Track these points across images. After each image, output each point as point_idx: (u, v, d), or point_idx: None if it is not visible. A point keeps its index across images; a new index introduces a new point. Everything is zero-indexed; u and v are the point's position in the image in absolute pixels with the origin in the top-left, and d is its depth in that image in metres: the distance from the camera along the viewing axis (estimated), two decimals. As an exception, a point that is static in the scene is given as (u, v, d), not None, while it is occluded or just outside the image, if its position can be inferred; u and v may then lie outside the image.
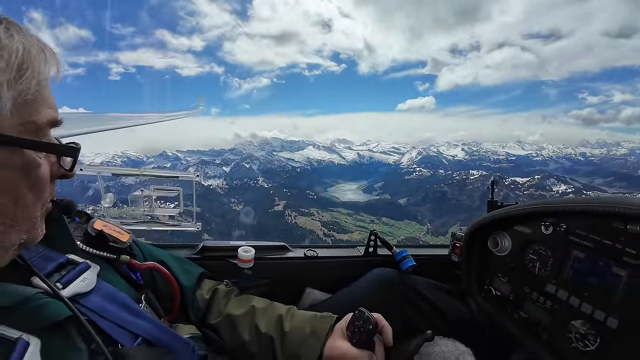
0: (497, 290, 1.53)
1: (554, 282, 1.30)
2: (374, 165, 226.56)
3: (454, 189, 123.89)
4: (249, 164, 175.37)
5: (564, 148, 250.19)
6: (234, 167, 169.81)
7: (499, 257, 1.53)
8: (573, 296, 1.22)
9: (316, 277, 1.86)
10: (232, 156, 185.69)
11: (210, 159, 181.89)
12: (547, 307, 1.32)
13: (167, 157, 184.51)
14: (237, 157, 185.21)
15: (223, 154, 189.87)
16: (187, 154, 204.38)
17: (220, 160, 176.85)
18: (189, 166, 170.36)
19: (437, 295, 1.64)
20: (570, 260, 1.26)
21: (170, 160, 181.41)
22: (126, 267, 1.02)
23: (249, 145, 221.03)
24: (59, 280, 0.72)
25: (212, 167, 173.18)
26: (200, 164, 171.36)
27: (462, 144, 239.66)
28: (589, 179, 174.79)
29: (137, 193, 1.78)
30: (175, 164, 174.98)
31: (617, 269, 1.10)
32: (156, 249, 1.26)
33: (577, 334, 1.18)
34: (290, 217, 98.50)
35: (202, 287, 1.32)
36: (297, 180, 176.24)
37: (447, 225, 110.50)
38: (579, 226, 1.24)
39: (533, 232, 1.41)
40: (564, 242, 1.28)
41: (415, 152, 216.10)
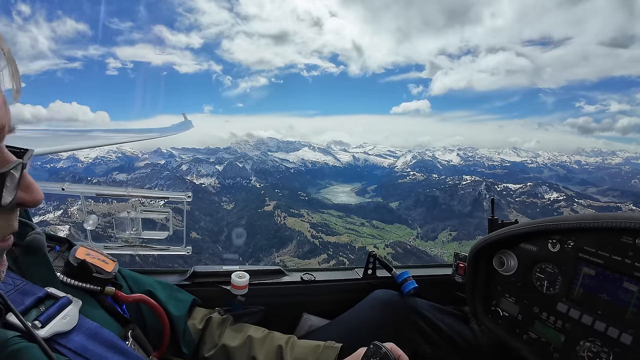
0: (504, 311, 1.49)
1: (564, 301, 1.27)
2: (369, 168, 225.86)
3: (446, 194, 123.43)
4: (242, 163, 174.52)
5: (559, 155, 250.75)
6: (227, 166, 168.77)
7: (505, 276, 1.49)
8: (585, 314, 1.19)
9: (314, 302, 1.80)
10: (227, 155, 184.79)
11: (204, 157, 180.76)
12: (558, 327, 1.28)
13: (162, 154, 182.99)
14: (231, 156, 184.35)
15: (217, 152, 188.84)
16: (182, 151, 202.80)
17: (214, 158, 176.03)
18: (182, 164, 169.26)
19: (440, 318, 1.60)
20: (580, 278, 1.23)
21: (165, 157, 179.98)
22: (111, 300, 0.95)
23: (245, 145, 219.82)
24: (37, 318, 0.65)
25: (205, 165, 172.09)
26: (193, 161, 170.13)
27: (457, 149, 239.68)
28: (583, 187, 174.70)
29: (123, 214, 1.67)
30: (169, 160, 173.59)
31: (629, 284, 1.09)
32: (143, 277, 1.17)
33: (589, 352, 1.16)
34: (280, 217, 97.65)
35: (194, 317, 1.24)
36: (291, 181, 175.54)
37: (437, 230, 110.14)
38: (587, 242, 1.21)
39: (540, 250, 1.37)
40: (573, 259, 1.25)
41: (410, 156, 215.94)
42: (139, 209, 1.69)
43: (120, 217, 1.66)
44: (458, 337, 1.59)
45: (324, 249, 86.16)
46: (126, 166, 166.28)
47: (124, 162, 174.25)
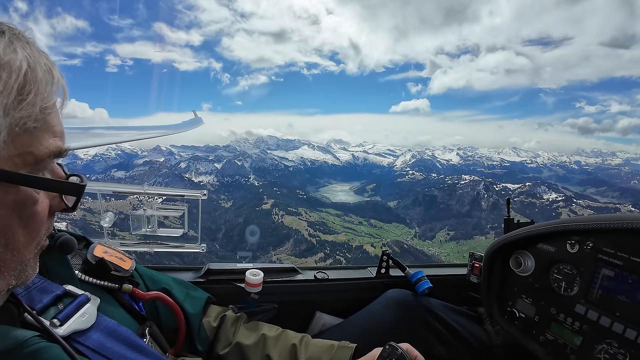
0: (520, 312, 1.47)
1: (583, 302, 1.26)
2: (368, 167, 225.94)
3: (444, 193, 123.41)
4: (241, 161, 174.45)
5: (559, 156, 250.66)
6: (226, 163, 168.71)
7: (522, 277, 1.47)
8: (604, 316, 1.18)
9: (326, 301, 1.80)
10: (226, 153, 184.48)
11: (204, 155, 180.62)
12: (575, 328, 1.27)
13: (161, 152, 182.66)
14: (230, 154, 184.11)
15: (217, 150, 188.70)
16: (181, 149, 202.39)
17: (213, 156, 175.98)
18: (181, 161, 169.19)
19: (454, 319, 1.59)
20: (598, 279, 1.22)
21: (164, 154, 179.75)
22: (128, 297, 0.95)
23: (244, 143, 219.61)
24: (55, 316, 0.65)
25: (204, 163, 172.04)
26: (192, 159, 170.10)
27: (457, 148, 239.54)
28: (582, 188, 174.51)
29: (139, 212, 1.67)
30: (168, 158, 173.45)
31: None
32: (158, 274, 1.19)
33: (606, 354, 1.16)
34: (277, 215, 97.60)
35: (209, 314, 1.25)
36: (289, 179, 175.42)
37: (435, 230, 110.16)
38: (607, 244, 1.21)
39: (558, 250, 1.36)
40: (592, 260, 1.24)
41: (410, 155, 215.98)
42: (155, 206, 1.71)
43: (137, 214, 1.67)
44: (472, 338, 1.58)
45: (321, 247, 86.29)
46: (125, 163, 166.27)
47: (123, 160, 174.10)
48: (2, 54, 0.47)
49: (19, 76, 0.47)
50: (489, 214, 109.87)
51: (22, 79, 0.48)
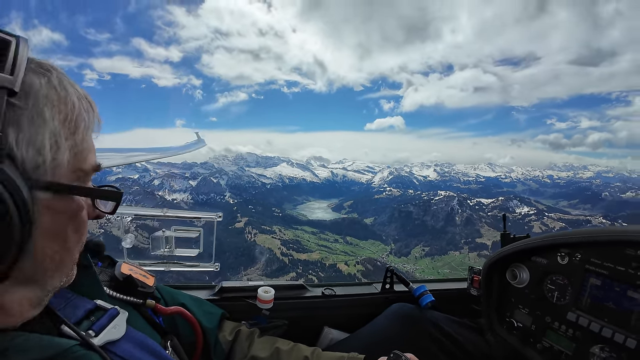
0: (518, 322, 1.56)
1: (574, 310, 1.34)
2: (347, 184, 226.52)
3: (420, 209, 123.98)
4: (217, 178, 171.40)
5: (532, 170, 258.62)
6: (201, 181, 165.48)
7: (518, 289, 1.57)
8: (594, 322, 1.27)
9: (334, 316, 1.86)
10: (202, 170, 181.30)
11: (180, 172, 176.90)
12: (569, 335, 1.36)
13: (136, 169, 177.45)
14: (207, 171, 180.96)
15: (194, 167, 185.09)
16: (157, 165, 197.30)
17: (189, 173, 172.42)
18: (154, 178, 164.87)
19: (457, 331, 1.66)
20: (587, 288, 1.32)
21: (139, 171, 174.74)
22: (151, 312, 1.01)
23: (223, 160, 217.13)
24: (90, 328, 0.70)
25: (179, 180, 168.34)
26: (166, 176, 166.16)
27: (435, 165, 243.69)
28: (555, 201, 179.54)
29: (158, 233, 1.78)
30: (143, 175, 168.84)
31: (632, 292, 1.18)
32: (177, 291, 1.24)
33: (598, 358, 1.24)
34: (250, 234, 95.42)
35: (224, 329, 1.31)
36: (266, 197, 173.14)
37: (411, 246, 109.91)
38: (594, 255, 1.31)
39: (550, 262, 1.46)
40: (581, 270, 1.34)
41: (387, 171, 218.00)
42: (173, 228, 1.80)
43: (156, 235, 1.77)
44: (474, 349, 1.64)
45: (293, 266, 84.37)
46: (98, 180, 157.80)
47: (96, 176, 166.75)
48: (59, 90, 0.57)
49: (74, 108, 0.58)
50: (462, 229, 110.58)
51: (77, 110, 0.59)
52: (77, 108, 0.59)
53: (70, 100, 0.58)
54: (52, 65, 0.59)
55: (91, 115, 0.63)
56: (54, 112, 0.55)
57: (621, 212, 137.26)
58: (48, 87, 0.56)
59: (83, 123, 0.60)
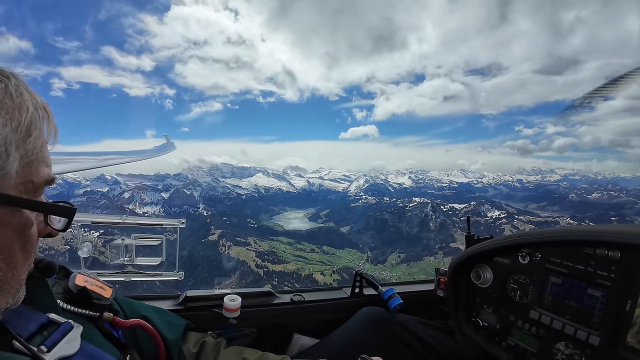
0: (484, 321, 1.59)
1: (536, 308, 1.37)
2: (323, 193, 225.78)
3: (395, 216, 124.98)
4: (190, 190, 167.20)
5: (503, 175, 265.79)
6: (174, 193, 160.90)
7: (483, 289, 1.60)
8: (556, 320, 1.30)
9: (304, 322, 1.85)
10: (175, 182, 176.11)
11: (152, 184, 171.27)
12: (533, 333, 1.38)
13: (106, 181, 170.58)
14: (180, 183, 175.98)
15: (166, 179, 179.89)
16: (128, 178, 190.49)
17: (161, 185, 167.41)
18: (124, 191, 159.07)
19: (426, 332, 1.69)
20: (548, 286, 1.35)
21: (109, 184, 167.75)
22: (108, 325, 0.96)
23: (198, 171, 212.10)
24: (42, 343, 0.67)
25: (150, 193, 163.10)
26: (137, 189, 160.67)
27: (409, 172, 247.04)
28: (524, 204, 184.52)
29: (117, 242, 1.71)
30: (113, 187, 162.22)
31: (592, 290, 1.21)
32: (136, 303, 1.19)
33: (563, 355, 1.26)
34: (224, 247, 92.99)
35: (188, 341, 1.25)
36: (242, 208, 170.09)
37: (387, 253, 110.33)
38: (553, 254, 1.34)
39: (512, 262, 1.49)
40: (541, 270, 1.38)
41: (363, 180, 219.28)
42: (133, 235, 1.73)
43: (115, 244, 1.70)
44: (444, 350, 1.66)
45: (269, 278, 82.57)
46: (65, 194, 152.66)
47: (63, 190, 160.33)
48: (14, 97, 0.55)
49: (27, 115, 0.56)
50: (437, 234, 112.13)
51: (30, 118, 0.57)
52: (32, 117, 0.57)
53: (25, 108, 0.56)
54: (12, 73, 0.58)
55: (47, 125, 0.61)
56: (6, 119, 0.53)
57: (588, 212, 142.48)
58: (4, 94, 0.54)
59: (36, 132, 0.58)
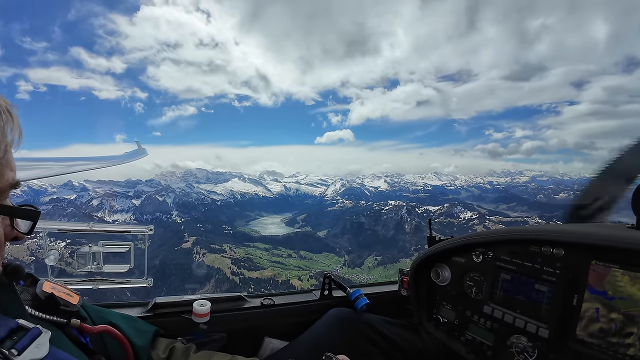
0: (444, 317, 1.69)
1: (489, 304, 1.48)
2: (300, 198, 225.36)
3: (371, 219, 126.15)
4: (163, 196, 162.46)
5: (474, 178, 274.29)
6: (146, 200, 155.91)
7: (442, 287, 1.70)
8: (507, 314, 1.39)
9: (274, 326, 1.89)
10: (147, 188, 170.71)
11: (123, 191, 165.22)
12: (488, 327, 1.48)
13: (73, 188, 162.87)
14: (152, 189, 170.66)
15: (138, 185, 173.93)
16: (97, 184, 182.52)
17: (133, 192, 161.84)
18: (93, 199, 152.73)
19: (391, 330, 1.77)
20: (499, 283, 1.45)
21: (76, 191, 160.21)
22: (76, 332, 0.97)
23: (171, 177, 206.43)
24: (12, 347, 0.68)
25: (120, 200, 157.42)
26: (106, 196, 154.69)
27: (385, 175, 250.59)
28: (495, 205, 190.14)
29: (84, 249, 1.69)
30: (81, 195, 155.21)
31: (539, 285, 1.31)
32: (104, 310, 1.19)
33: (516, 348, 1.34)
34: (199, 254, 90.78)
35: (157, 347, 1.25)
36: (217, 214, 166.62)
37: (364, 257, 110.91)
38: (503, 253, 1.45)
39: (467, 261, 1.60)
40: (493, 267, 1.48)
41: (340, 184, 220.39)
42: (101, 243, 1.71)
43: (82, 251, 1.67)
44: (409, 346, 1.75)
45: (245, 286, 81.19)
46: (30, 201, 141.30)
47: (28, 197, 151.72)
48: None
49: None
50: (412, 236, 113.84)
51: None
52: None
53: None
54: None
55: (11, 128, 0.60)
56: None
57: (555, 212, 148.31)
58: None
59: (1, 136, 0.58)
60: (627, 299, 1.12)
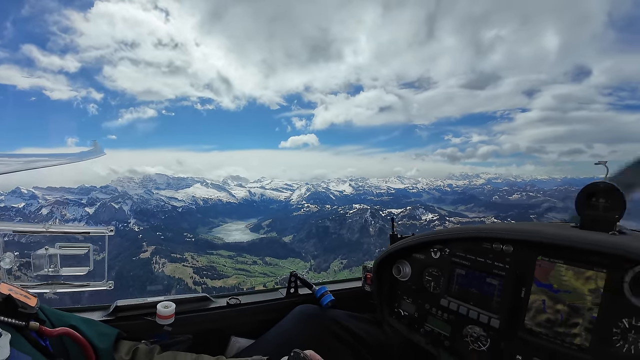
0: (405, 311, 1.82)
1: (446, 297, 1.62)
2: (265, 203, 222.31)
3: (336, 223, 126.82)
4: (119, 204, 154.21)
5: (435, 181, 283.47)
6: (100, 207, 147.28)
7: (403, 282, 1.83)
8: (462, 306, 1.53)
9: (241, 325, 1.90)
10: (102, 195, 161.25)
11: (76, 198, 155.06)
12: (444, 319, 1.62)
13: (22, 195, 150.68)
14: (108, 196, 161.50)
15: (92, 192, 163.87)
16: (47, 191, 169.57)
17: (86, 199, 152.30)
18: (42, 207, 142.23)
19: (356, 325, 1.85)
20: (455, 277, 1.60)
21: (25, 198, 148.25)
22: (35, 334, 0.95)
23: (128, 183, 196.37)
24: None
25: (73, 208, 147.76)
26: (56, 204, 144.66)
27: (350, 179, 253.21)
28: (454, 206, 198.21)
29: (41, 251, 1.61)
30: (30, 202, 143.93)
31: (491, 279, 1.45)
32: (64, 313, 1.17)
33: (471, 337, 1.47)
34: (158, 264, 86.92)
35: (120, 350, 1.23)
36: (178, 222, 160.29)
37: (329, 261, 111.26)
38: (459, 249, 1.59)
39: (426, 258, 1.73)
40: (449, 263, 1.62)
41: (305, 188, 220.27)
42: (58, 245, 1.64)
43: (38, 254, 1.60)
44: (373, 340, 1.84)
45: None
46: None
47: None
48: None
49: None
50: (376, 239, 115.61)
51: None
52: None
53: None
54: None
55: None
56: None
57: (510, 212, 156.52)
58: None
59: None
60: (571, 292, 1.20)
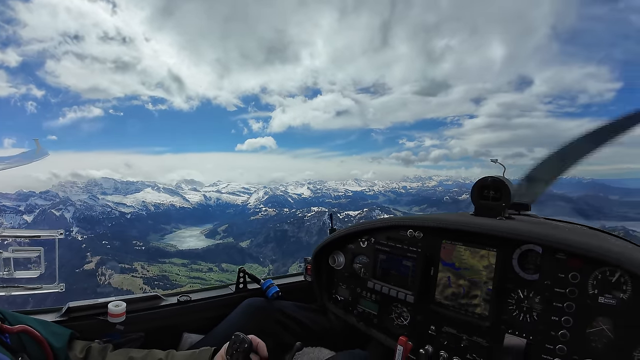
0: (341, 296, 2.06)
1: (372, 280, 1.85)
2: (221, 207, 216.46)
3: (294, 226, 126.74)
4: (60, 211, 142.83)
5: (390, 183, 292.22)
6: (39, 215, 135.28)
7: (338, 270, 2.07)
8: (384, 287, 1.76)
9: (192, 321, 2.00)
10: (42, 201, 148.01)
11: (12, 205, 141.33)
12: (372, 299, 1.87)
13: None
14: (48, 202, 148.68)
15: (30, 197, 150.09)
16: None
17: (24, 206, 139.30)
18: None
19: (302, 314, 2.05)
20: (378, 262, 1.84)
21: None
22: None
23: (71, 187, 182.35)
24: None
25: (9, 216, 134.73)
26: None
27: (308, 182, 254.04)
28: (409, 207, 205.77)
29: None
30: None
31: (406, 261, 1.71)
32: (20, 315, 1.22)
33: (395, 314, 1.74)
34: (104, 276, 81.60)
35: (74, 349, 1.29)
36: (126, 229, 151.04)
37: (288, 264, 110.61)
38: (382, 238, 1.85)
39: (356, 247, 1.98)
40: (373, 250, 1.87)
41: (263, 192, 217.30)
42: (10, 249, 1.67)
43: None
44: (318, 328, 2.05)
45: (159, 306, 75.09)
46: None
47: None
48: None
49: None
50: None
51: None
52: None
53: None
54: None
55: None
56: None
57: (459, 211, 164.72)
58: None
59: None
60: (469, 269, 1.49)
